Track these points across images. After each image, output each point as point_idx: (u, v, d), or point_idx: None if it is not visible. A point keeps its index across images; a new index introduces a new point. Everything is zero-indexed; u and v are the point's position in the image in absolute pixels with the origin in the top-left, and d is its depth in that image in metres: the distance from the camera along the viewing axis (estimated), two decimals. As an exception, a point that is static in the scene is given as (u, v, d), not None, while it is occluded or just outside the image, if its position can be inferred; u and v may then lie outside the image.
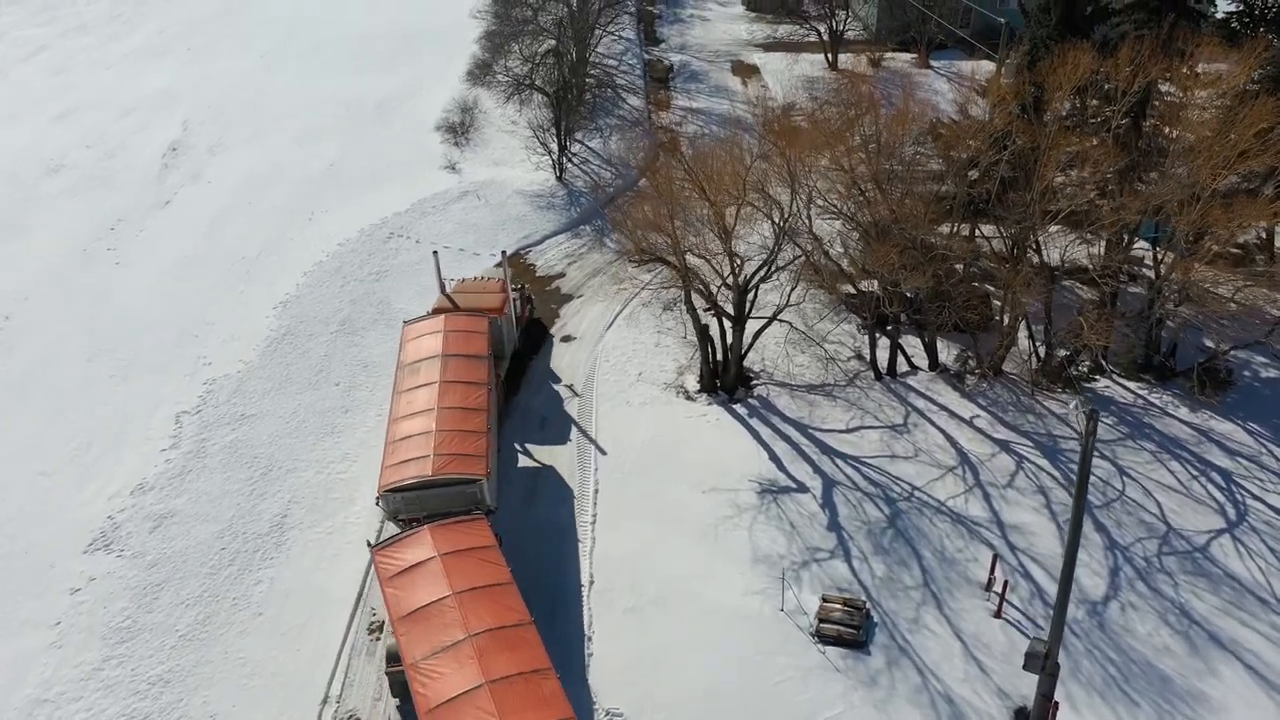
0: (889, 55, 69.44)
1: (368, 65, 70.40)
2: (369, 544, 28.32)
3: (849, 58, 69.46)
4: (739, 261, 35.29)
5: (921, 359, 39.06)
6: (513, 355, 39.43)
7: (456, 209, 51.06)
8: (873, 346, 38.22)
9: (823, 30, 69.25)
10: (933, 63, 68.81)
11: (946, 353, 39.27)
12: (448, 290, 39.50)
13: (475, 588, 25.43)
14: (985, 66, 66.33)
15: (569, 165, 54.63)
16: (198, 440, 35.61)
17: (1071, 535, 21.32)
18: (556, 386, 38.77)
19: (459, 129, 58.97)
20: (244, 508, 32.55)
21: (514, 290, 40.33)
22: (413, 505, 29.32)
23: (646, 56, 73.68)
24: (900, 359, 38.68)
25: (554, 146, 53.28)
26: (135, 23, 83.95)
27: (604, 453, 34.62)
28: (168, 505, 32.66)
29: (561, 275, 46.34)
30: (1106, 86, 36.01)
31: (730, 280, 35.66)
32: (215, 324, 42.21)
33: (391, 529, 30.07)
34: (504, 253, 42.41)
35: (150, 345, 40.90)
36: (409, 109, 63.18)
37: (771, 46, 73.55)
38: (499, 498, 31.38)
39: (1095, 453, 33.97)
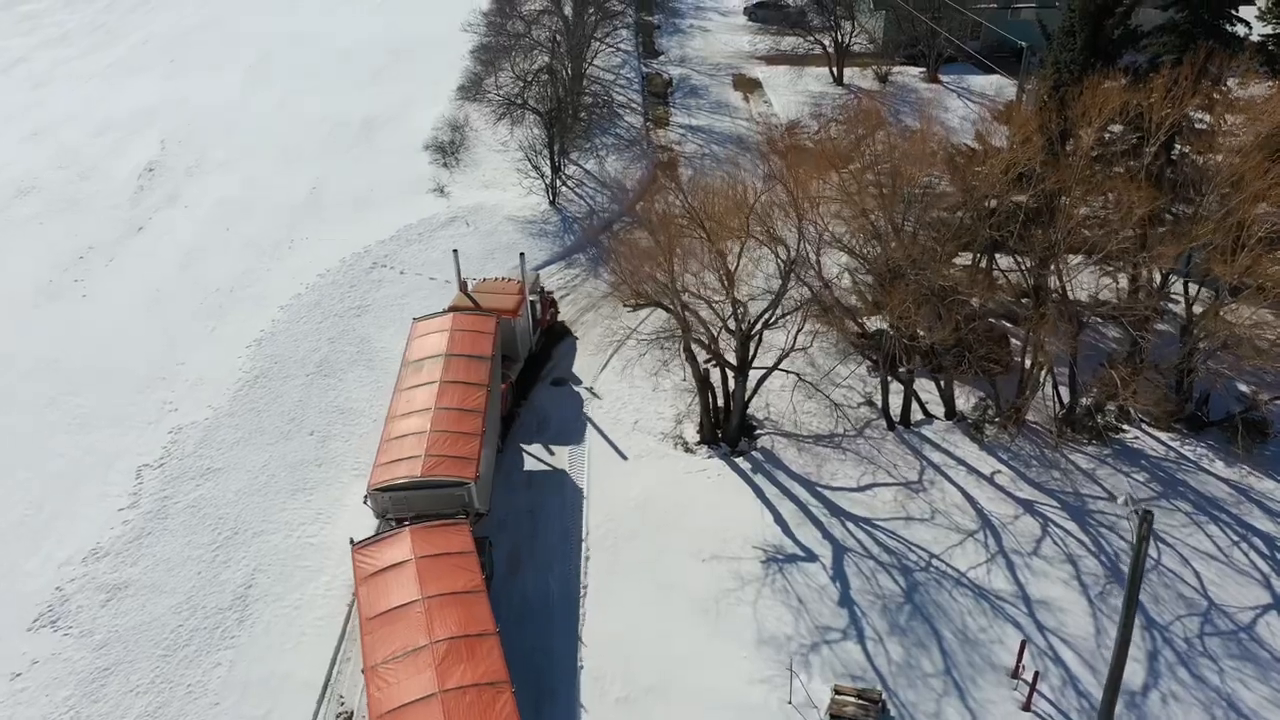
0: (896, 69, 66.91)
1: (356, 80, 67.94)
2: (351, 541, 27.60)
3: (855, 71, 67.02)
4: (742, 306, 32.76)
5: (937, 405, 36.51)
6: (527, 359, 38.90)
7: (443, 236, 48.50)
8: (885, 393, 35.65)
9: (827, 43, 66.60)
10: (942, 77, 66.29)
11: (964, 399, 36.71)
12: (469, 289, 38.90)
13: (445, 593, 25.05)
14: (998, 82, 64.02)
15: (563, 188, 52.10)
16: (159, 498, 33.03)
17: (1116, 658, 18.77)
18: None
19: (448, 149, 56.42)
20: (205, 577, 29.98)
21: (533, 296, 39.50)
22: (400, 505, 28.97)
23: (645, 70, 71.19)
24: (914, 406, 36.13)
25: (547, 170, 50.69)
26: (119, 32, 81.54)
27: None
28: (122, 574, 30.08)
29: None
30: (1135, 114, 33.48)
31: (733, 325, 33.14)
32: (184, 365, 39.64)
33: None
34: (522, 255, 41.03)
35: (114, 389, 38.33)
36: (397, 126, 60.72)
37: (774, 59, 70.96)
38: (492, 499, 31.04)
39: (1125, 516, 31.57)
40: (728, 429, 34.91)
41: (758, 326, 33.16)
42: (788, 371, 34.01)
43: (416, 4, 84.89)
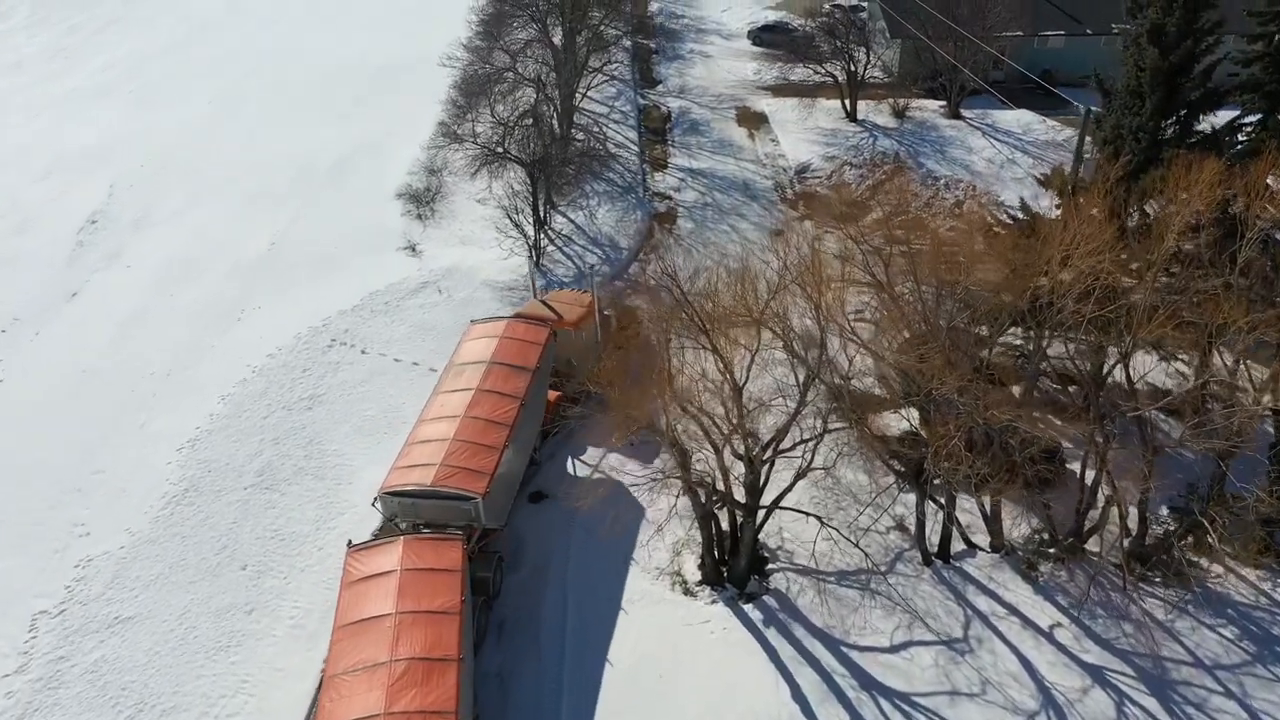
0: (915, 104, 61.34)
1: (327, 114, 62.32)
2: (349, 543, 27.51)
3: (870, 105, 61.49)
4: (753, 438, 27.35)
5: (979, 529, 31.14)
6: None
7: (412, 306, 43.06)
8: (920, 523, 30.16)
9: (839, 74, 61.00)
10: (964, 112, 60.74)
11: (1010, 521, 31.30)
12: (545, 298, 38.65)
13: (419, 611, 24.57)
14: (1025, 119, 58.63)
15: (549, 246, 46.69)
16: (53, 659, 27.57)
17: None
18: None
19: (423, 197, 51.05)
20: (96, 778, 24.62)
21: (610, 311, 39.07)
22: (409, 511, 28.78)
23: (641, 102, 65.69)
24: (954, 532, 30.72)
25: (530, 230, 45.22)
26: (80, 57, 76.02)
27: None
28: (-5, 774, 24.75)
29: (534, 399, 38.37)
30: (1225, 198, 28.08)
31: (741, 450, 27.73)
32: (104, 473, 34.22)
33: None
34: (592, 267, 41.81)
35: (19, 506, 32.94)
36: (370, 169, 55.20)
37: (781, 89, 65.33)
38: (511, 514, 30.68)
39: (1218, 690, 26.22)
40: (735, 567, 29.51)
41: (769, 453, 27.76)
42: (807, 514, 28.52)
43: (407, 19, 79.33)
